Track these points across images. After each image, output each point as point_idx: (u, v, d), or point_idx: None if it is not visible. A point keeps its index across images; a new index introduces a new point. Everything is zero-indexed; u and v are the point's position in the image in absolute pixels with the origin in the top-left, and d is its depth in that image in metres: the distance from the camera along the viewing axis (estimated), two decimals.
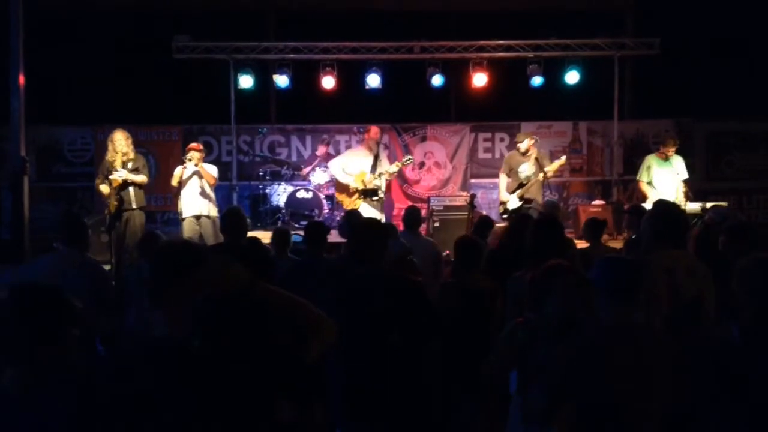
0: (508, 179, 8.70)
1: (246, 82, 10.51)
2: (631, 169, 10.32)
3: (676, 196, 8.07)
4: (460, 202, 9.12)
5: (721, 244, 4.60)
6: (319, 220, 8.72)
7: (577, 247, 6.08)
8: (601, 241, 6.58)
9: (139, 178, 7.58)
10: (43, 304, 2.12)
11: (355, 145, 10.72)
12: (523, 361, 2.94)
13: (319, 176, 9.97)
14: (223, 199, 10.01)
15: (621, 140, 11.34)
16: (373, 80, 10.53)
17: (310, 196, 9.72)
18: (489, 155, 11.70)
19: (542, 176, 8.39)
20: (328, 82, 10.48)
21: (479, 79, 10.55)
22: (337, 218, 9.44)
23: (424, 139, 11.62)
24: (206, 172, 8.05)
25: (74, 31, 11.43)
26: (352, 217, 6.13)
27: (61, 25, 11.23)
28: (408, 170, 11.13)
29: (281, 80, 10.60)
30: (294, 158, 11.24)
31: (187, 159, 7.92)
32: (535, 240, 3.85)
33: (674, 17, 11.23)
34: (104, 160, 7.64)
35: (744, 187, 11.59)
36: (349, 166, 8.67)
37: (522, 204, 8.40)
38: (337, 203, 9.24)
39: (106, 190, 7.51)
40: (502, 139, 11.63)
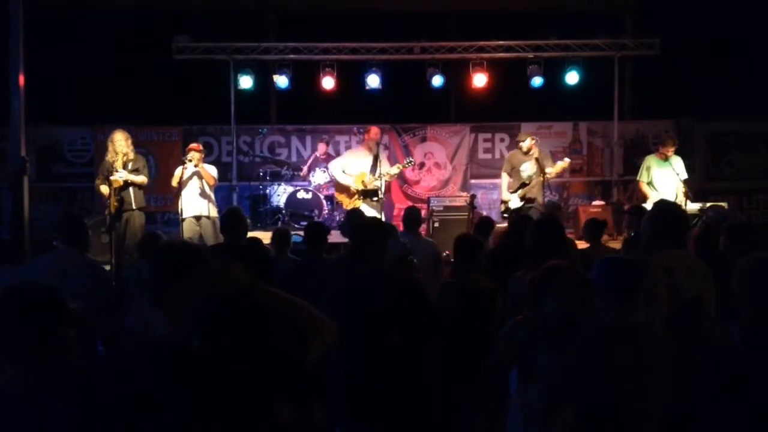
0: (510, 178, 8.71)
1: (246, 82, 10.52)
2: (631, 170, 10.32)
3: (676, 197, 8.06)
4: (460, 202, 9.12)
5: (722, 244, 4.61)
6: (319, 221, 8.72)
7: (578, 247, 6.10)
8: (601, 242, 6.59)
9: (140, 179, 7.58)
10: (39, 305, 2.12)
11: (355, 146, 10.73)
12: (522, 360, 2.94)
13: (319, 176, 9.96)
14: (223, 200, 10.02)
15: (621, 140, 11.34)
16: (373, 81, 10.53)
17: (310, 196, 9.71)
18: (489, 156, 11.70)
19: (543, 177, 8.39)
20: (328, 83, 10.48)
21: (479, 80, 10.55)
22: (337, 218, 9.44)
23: (424, 140, 11.62)
24: (206, 173, 8.05)
25: (74, 31, 11.43)
26: (353, 216, 6.13)
27: (61, 25, 11.22)
28: (408, 171, 11.13)
29: (281, 81, 10.60)
30: (294, 159, 11.24)
31: (187, 159, 7.92)
32: (536, 240, 3.85)
33: (674, 17, 11.22)
34: (104, 161, 7.65)
35: (744, 187, 11.59)
36: (349, 167, 8.67)
37: (523, 204, 8.41)
38: (337, 203, 9.25)
39: (106, 190, 7.52)
40: (502, 140, 11.63)
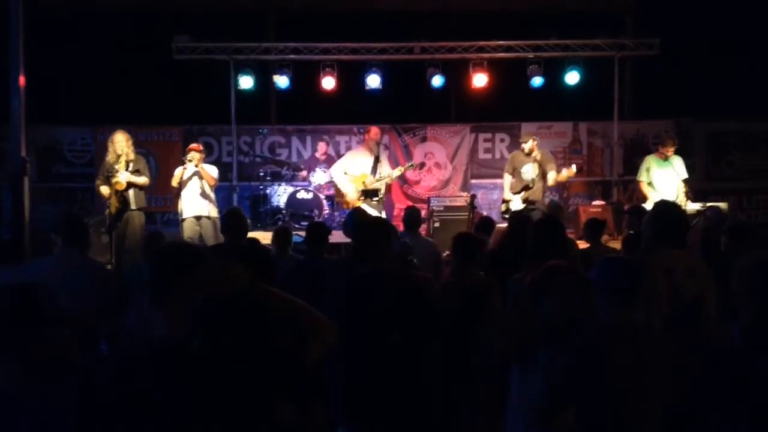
0: (512, 179, 8.71)
1: (246, 82, 10.52)
2: (632, 170, 10.31)
3: (676, 197, 8.05)
4: (460, 202, 9.12)
5: (722, 244, 4.61)
6: (319, 221, 8.72)
7: (578, 247, 6.10)
8: (601, 242, 6.58)
9: (141, 180, 7.59)
10: (30, 304, 2.13)
11: (355, 146, 10.73)
12: (522, 359, 2.94)
13: (320, 177, 9.96)
14: (223, 200, 10.01)
15: (621, 141, 11.34)
16: (373, 81, 10.53)
17: (310, 196, 9.71)
18: (489, 156, 11.70)
19: (546, 181, 8.39)
20: (329, 83, 10.48)
21: (479, 80, 10.55)
22: (338, 219, 9.45)
23: (425, 140, 11.62)
24: (206, 173, 8.06)
25: (74, 31, 11.42)
26: (356, 216, 6.13)
27: (61, 25, 11.22)
28: (408, 171, 11.13)
29: (281, 81, 10.60)
30: (294, 159, 11.23)
31: (187, 159, 7.93)
32: (536, 240, 3.84)
33: (674, 17, 11.22)
34: (104, 161, 7.65)
35: (744, 187, 11.58)
36: (351, 168, 8.66)
37: (525, 206, 8.40)
38: (337, 204, 9.25)
39: (106, 191, 7.52)
40: (503, 140, 11.63)
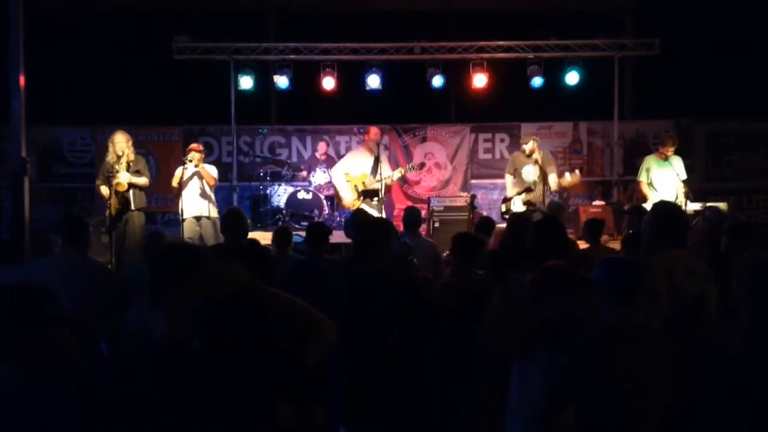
0: (513, 179, 8.72)
1: (246, 82, 10.52)
2: (632, 170, 10.32)
3: (676, 197, 8.05)
4: (460, 202, 9.12)
5: (723, 244, 4.61)
6: (320, 221, 8.72)
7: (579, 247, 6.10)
8: (601, 242, 6.57)
9: (142, 181, 7.60)
10: (28, 304, 2.13)
11: (355, 146, 10.73)
12: (522, 358, 2.94)
13: (320, 177, 9.96)
14: (223, 200, 10.02)
15: (621, 141, 11.34)
16: (374, 81, 10.53)
17: (310, 196, 9.71)
18: (489, 156, 11.69)
19: (548, 183, 8.38)
20: (329, 83, 10.48)
21: (479, 80, 10.55)
22: (338, 219, 9.45)
23: (425, 140, 11.61)
24: (206, 173, 8.06)
25: (74, 31, 11.42)
26: (358, 216, 6.14)
27: (61, 25, 11.22)
28: (406, 168, 11.13)
29: (281, 81, 10.59)
30: (294, 159, 11.23)
31: (187, 160, 7.93)
32: (536, 241, 3.84)
33: (674, 17, 11.22)
34: (105, 161, 7.65)
35: (744, 187, 11.57)
36: (352, 169, 8.66)
37: (527, 208, 8.39)
38: (338, 204, 9.25)
39: (106, 191, 7.53)
40: (503, 140, 11.63)
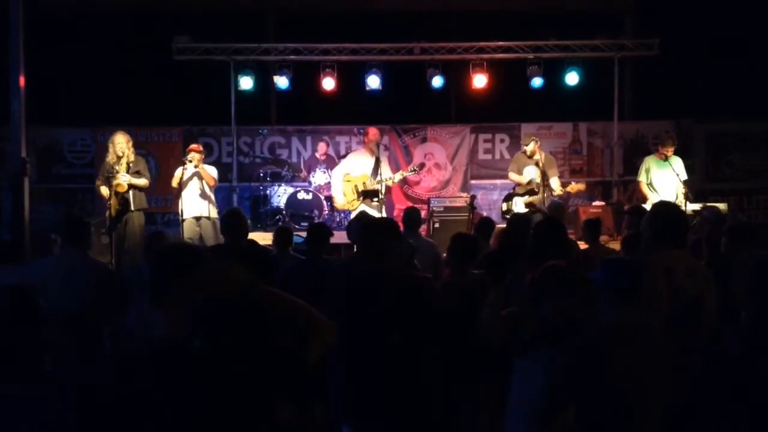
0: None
1: (246, 83, 10.52)
2: (631, 170, 10.32)
3: (676, 197, 8.04)
4: (460, 203, 9.12)
5: (723, 244, 4.61)
6: (321, 222, 8.72)
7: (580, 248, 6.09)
8: (600, 241, 6.56)
9: (141, 182, 7.60)
10: (28, 305, 2.14)
11: (355, 146, 10.73)
12: (522, 358, 2.94)
13: (320, 177, 9.96)
14: (223, 201, 10.02)
15: (621, 141, 11.35)
16: (373, 81, 10.53)
17: (310, 197, 9.71)
18: (489, 156, 11.70)
19: (550, 186, 8.38)
20: (329, 84, 10.48)
21: (479, 80, 10.55)
22: (338, 219, 9.45)
23: (425, 141, 11.62)
24: (206, 173, 8.06)
25: (74, 31, 11.43)
26: (361, 217, 6.16)
27: (61, 25, 11.23)
28: (407, 170, 11.13)
29: (281, 81, 10.60)
30: (294, 159, 11.24)
31: (187, 160, 7.93)
32: (536, 241, 3.84)
33: (674, 17, 11.22)
34: (105, 162, 7.65)
35: (744, 188, 11.58)
36: (353, 170, 8.65)
37: (528, 210, 8.38)
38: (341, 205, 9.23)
39: (106, 192, 7.53)
40: (503, 140, 11.64)
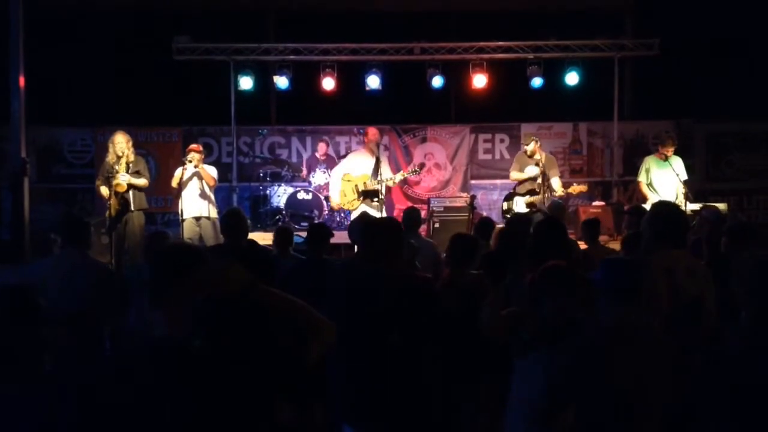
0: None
1: (246, 83, 10.52)
2: (631, 170, 10.32)
3: (676, 197, 8.03)
4: (460, 203, 9.12)
5: (723, 244, 4.61)
6: (321, 222, 8.72)
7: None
8: (599, 241, 6.56)
9: (141, 182, 7.60)
10: (28, 305, 2.14)
11: (355, 147, 10.73)
12: (522, 358, 2.94)
13: (319, 177, 9.96)
14: (223, 201, 10.02)
15: (621, 141, 11.35)
16: (373, 81, 10.53)
17: (310, 197, 9.72)
18: (489, 156, 11.70)
19: (551, 186, 8.39)
20: (328, 84, 10.49)
21: (479, 80, 10.55)
22: (337, 219, 9.45)
23: (424, 141, 11.62)
24: (206, 173, 8.06)
25: (74, 31, 11.44)
26: (363, 217, 6.16)
27: (61, 25, 11.23)
28: (406, 171, 11.13)
29: (281, 81, 10.60)
30: (294, 159, 11.24)
31: (187, 160, 7.93)
32: (537, 241, 3.84)
33: (674, 17, 11.22)
34: (104, 162, 7.65)
35: (744, 188, 11.58)
36: (354, 170, 8.65)
37: (529, 210, 8.38)
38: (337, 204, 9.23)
39: (105, 192, 7.53)
40: (503, 140, 11.64)
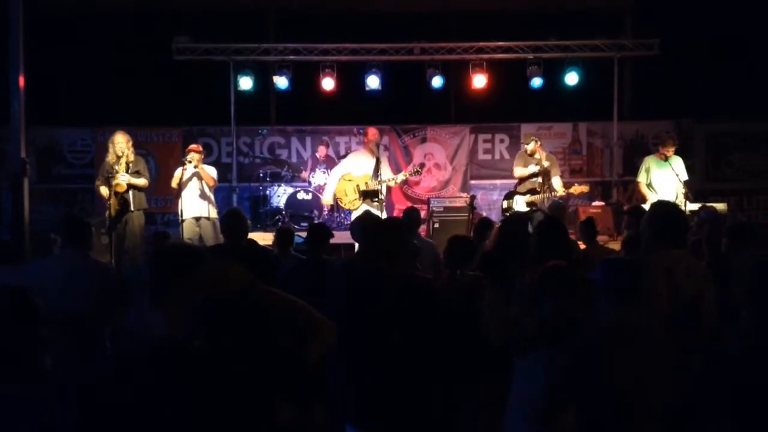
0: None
1: (246, 83, 10.52)
2: (631, 170, 10.32)
3: (676, 197, 8.03)
4: (460, 203, 9.13)
5: (723, 244, 4.61)
6: (321, 222, 8.72)
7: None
8: (597, 241, 6.55)
9: (141, 182, 7.60)
10: (28, 305, 2.14)
11: (354, 147, 10.73)
12: (522, 358, 2.94)
13: (319, 177, 9.96)
14: (223, 201, 10.02)
15: (621, 141, 11.34)
16: (373, 82, 10.53)
17: (310, 197, 9.72)
18: (489, 156, 11.70)
19: (552, 186, 8.39)
20: (328, 84, 10.48)
21: (479, 81, 10.55)
22: (337, 219, 9.45)
23: (424, 141, 11.62)
24: (206, 174, 8.06)
25: (74, 31, 11.43)
26: (365, 217, 6.16)
27: (61, 25, 11.22)
28: (407, 171, 11.13)
29: (281, 82, 10.60)
30: (294, 159, 11.24)
31: (186, 160, 7.93)
32: (537, 241, 3.84)
33: (674, 17, 11.22)
34: (104, 162, 7.65)
35: (744, 188, 11.58)
36: (354, 170, 8.65)
37: (529, 209, 8.38)
38: (337, 204, 9.24)
39: (105, 192, 7.53)
40: (502, 141, 11.64)
